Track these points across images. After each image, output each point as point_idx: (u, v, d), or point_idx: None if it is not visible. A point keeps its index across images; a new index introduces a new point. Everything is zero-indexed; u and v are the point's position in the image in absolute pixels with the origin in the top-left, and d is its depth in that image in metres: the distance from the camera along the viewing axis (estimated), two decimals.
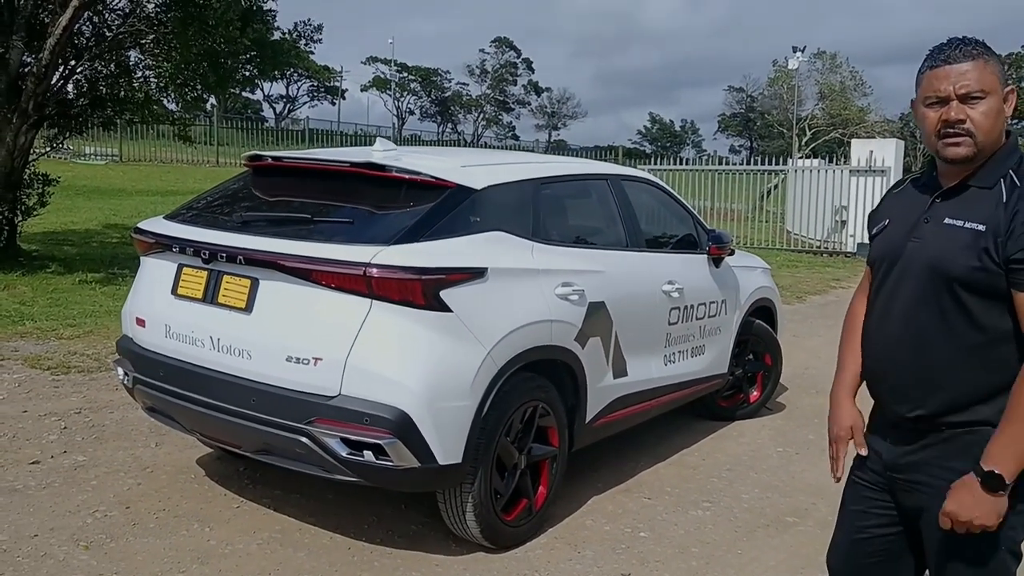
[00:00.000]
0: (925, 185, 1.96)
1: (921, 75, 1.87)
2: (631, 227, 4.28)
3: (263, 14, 10.04)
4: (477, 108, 64.36)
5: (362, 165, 3.34)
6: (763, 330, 5.41)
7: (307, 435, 2.98)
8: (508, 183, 3.57)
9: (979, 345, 1.79)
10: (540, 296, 3.43)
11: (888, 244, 1.97)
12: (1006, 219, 1.73)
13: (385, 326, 2.96)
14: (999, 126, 1.81)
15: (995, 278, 1.74)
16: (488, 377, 3.14)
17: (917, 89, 1.89)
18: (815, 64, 44.02)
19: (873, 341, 2.01)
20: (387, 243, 3.01)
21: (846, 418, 2.10)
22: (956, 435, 1.84)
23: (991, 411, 1.79)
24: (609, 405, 3.94)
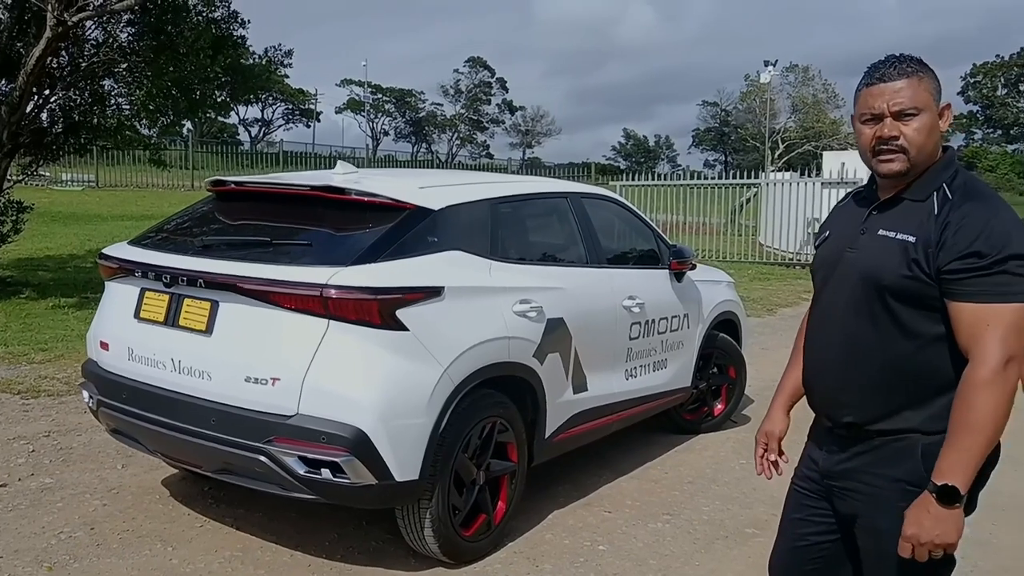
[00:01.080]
0: (864, 198, 2.02)
1: (858, 92, 1.93)
2: (591, 244, 4.37)
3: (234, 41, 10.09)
4: (451, 128, 64.61)
5: (321, 188, 3.41)
6: (727, 343, 5.51)
7: (266, 454, 3.03)
8: (466, 203, 3.64)
9: (909, 353, 1.85)
10: (498, 313, 3.50)
11: (827, 254, 2.05)
12: (936, 231, 1.78)
13: (342, 346, 3.02)
14: (933, 141, 1.86)
15: (924, 288, 1.80)
16: (445, 394, 3.20)
17: (854, 105, 1.95)
18: (787, 77, 44.72)
19: (810, 349, 2.09)
20: (344, 264, 3.08)
21: (767, 423, 2.21)
22: (886, 443, 1.90)
23: (919, 418, 1.85)
24: (569, 420, 4.01)
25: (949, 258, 1.76)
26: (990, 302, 1.73)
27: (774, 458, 2.23)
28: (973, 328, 1.75)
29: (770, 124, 42.85)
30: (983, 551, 3.78)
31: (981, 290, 1.74)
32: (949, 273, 1.76)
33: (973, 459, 1.73)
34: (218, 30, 10.02)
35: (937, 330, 1.83)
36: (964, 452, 1.72)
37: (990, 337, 1.73)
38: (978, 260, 1.73)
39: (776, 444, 2.22)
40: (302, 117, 61.32)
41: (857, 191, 2.10)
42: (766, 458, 2.26)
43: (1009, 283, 1.73)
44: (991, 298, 1.73)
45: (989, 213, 1.77)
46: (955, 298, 1.77)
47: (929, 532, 1.74)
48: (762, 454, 2.26)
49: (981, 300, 1.74)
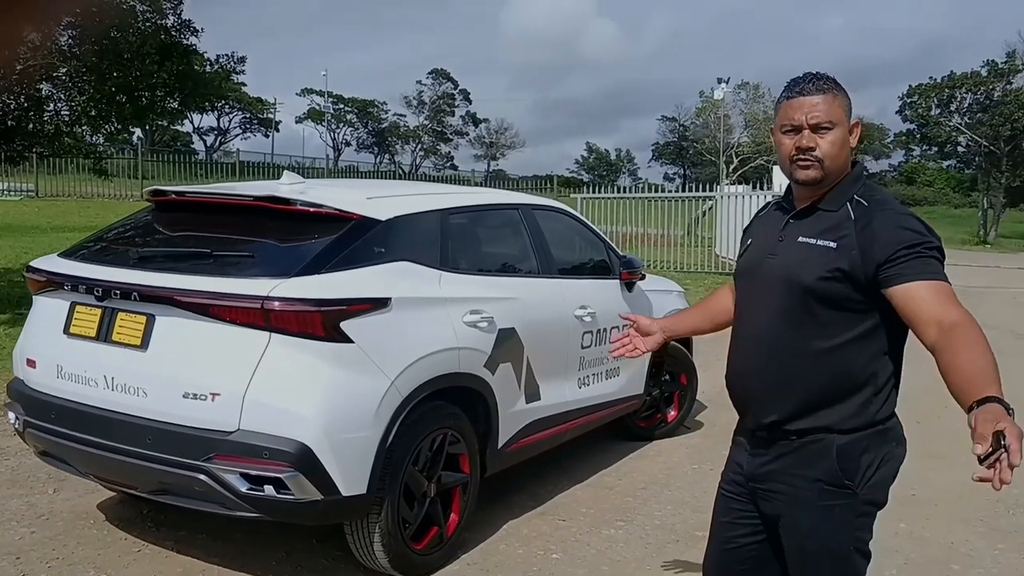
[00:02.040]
0: (783, 208, 2.12)
1: (778, 105, 2.04)
2: (542, 255, 4.36)
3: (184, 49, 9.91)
4: (415, 139, 64.36)
5: (265, 199, 3.35)
6: (678, 351, 5.54)
7: (205, 472, 2.94)
8: (414, 214, 3.61)
9: (826, 353, 1.93)
10: (447, 324, 3.46)
11: (749, 261, 2.15)
12: (858, 236, 1.89)
13: (284, 359, 2.95)
14: (845, 154, 1.98)
15: (842, 289, 1.90)
16: (392, 407, 3.15)
17: (775, 117, 2.05)
18: (739, 94, 45.53)
19: (734, 352, 2.15)
20: (287, 276, 3.01)
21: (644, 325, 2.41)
22: (805, 444, 1.98)
23: (835, 417, 1.94)
24: (522, 430, 3.98)
25: (886, 254, 1.84)
26: (927, 280, 1.83)
27: (627, 339, 2.41)
28: (931, 298, 1.80)
29: (724, 139, 43.57)
30: (915, 544, 3.91)
31: (920, 270, 1.85)
32: (889, 264, 1.84)
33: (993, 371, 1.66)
34: (167, 37, 9.83)
35: (854, 331, 1.93)
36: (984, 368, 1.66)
37: (948, 301, 1.81)
38: (910, 250, 1.84)
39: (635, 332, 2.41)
40: (260, 126, 60.49)
41: (776, 202, 2.20)
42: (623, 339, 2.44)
43: (937, 268, 1.85)
44: (931, 276, 1.83)
45: (904, 216, 1.92)
46: (903, 281, 1.83)
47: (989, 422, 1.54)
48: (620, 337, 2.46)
49: (925, 278, 1.82)
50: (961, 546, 3.91)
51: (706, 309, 2.47)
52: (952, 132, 40.69)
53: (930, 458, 4.91)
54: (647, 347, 2.40)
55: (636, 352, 2.40)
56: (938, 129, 41.00)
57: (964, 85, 39.99)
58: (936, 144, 43.71)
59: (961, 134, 40.57)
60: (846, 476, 1.93)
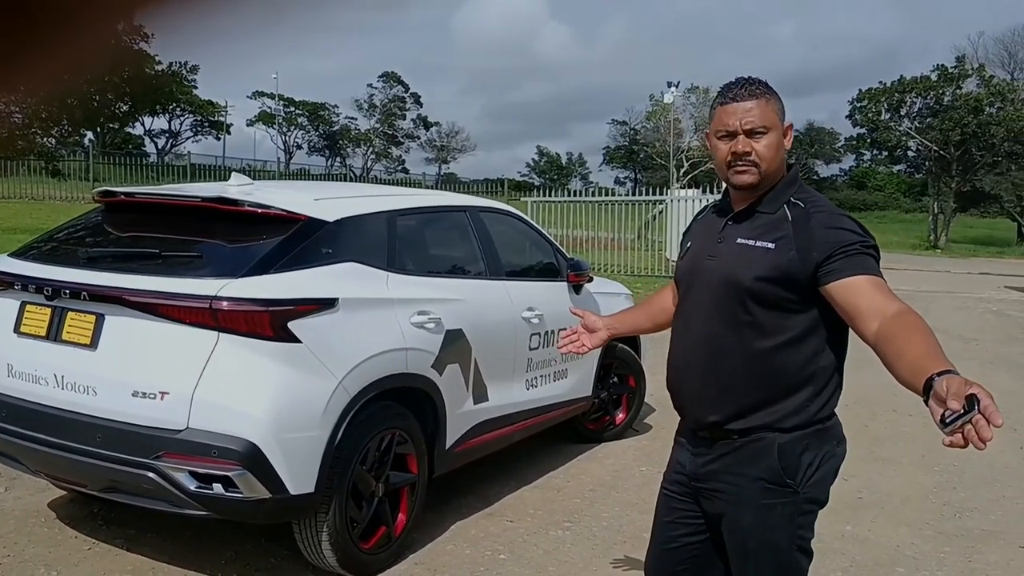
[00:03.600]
0: (720, 210, 2.16)
1: (713, 110, 2.08)
2: (490, 257, 4.44)
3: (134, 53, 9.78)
4: (366, 142, 64.02)
5: (213, 200, 3.38)
6: (626, 353, 5.65)
7: (154, 470, 2.96)
8: (362, 215, 3.66)
9: (764, 352, 1.98)
10: (395, 325, 3.52)
11: (689, 263, 2.19)
12: (797, 237, 1.94)
13: (232, 358, 2.99)
14: (780, 157, 2.03)
15: (781, 290, 1.95)
16: (340, 406, 3.20)
17: (710, 122, 2.11)
18: (689, 98, 46.17)
19: (674, 353, 2.20)
20: (235, 276, 3.05)
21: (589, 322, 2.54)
22: (746, 443, 2.02)
23: (775, 416, 1.98)
24: (470, 431, 4.05)
25: (824, 253, 1.89)
26: (865, 275, 1.89)
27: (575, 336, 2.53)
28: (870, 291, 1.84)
29: (675, 143, 44.18)
30: (861, 547, 4.00)
31: (857, 265, 1.89)
32: (828, 262, 1.89)
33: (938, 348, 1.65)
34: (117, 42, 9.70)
35: (792, 332, 1.98)
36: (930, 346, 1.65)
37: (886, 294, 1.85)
38: (848, 248, 1.90)
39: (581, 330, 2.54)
40: (212, 129, 59.57)
41: (714, 204, 2.25)
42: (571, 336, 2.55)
43: (873, 265, 1.91)
44: (868, 271, 1.88)
45: (840, 216, 1.99)
46: (841, 276, 1.87)
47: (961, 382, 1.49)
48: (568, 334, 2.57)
49: (860, 273, 1.87)
50: (907, 549, 4.00)
51: (648, 309, 2.56)
52: (902, 137, 41.47)
53: (877, 462, 5.04)
54: (593, 344, 2.49)
55: (583, 348, 2.48)
56: (888, 134, 41.65)
57: (914, 90, 40.62)
58: (886, 149, 44.46)
59: (911, 139, 41.37)
60: (787, 475, 1.97)
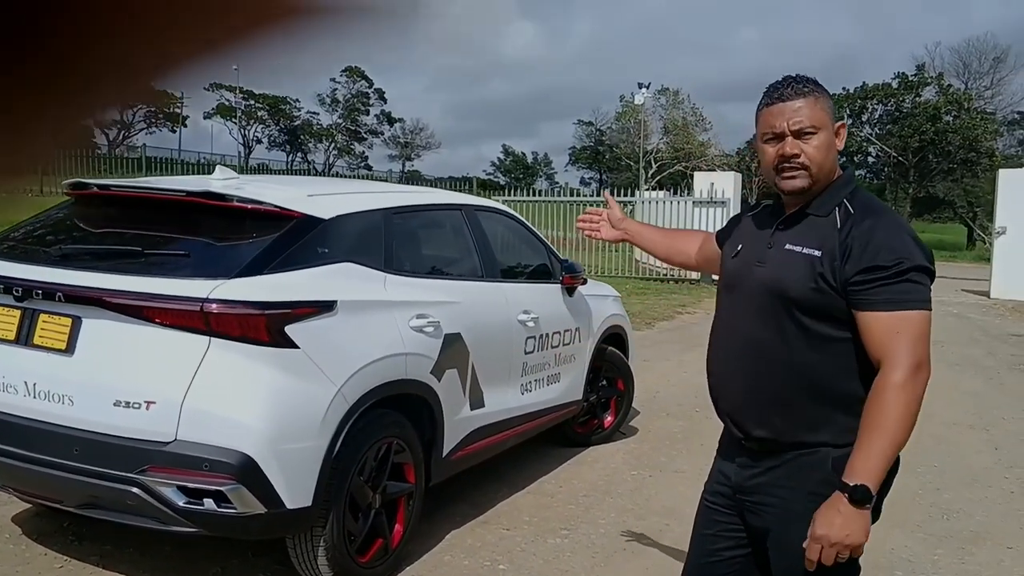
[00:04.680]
0: (772, 213, 2.04)
1: (759, 112, 1.95)
2: (486, 258, 4.28)
3: None
4: (328, 137, 63.22)
5: (199, 194, 3.16)
6: (615, 356, 5.55)
7: (139, 485, 2.74)
8: (358, 213, 3.47)
9: (816, 364, 1.87)
10: (394, 329, 3.35)
11: (737, 268, 2.06)
12: (840, 244, 1.82)
13: (225, 365, 2.79)
14: (832, 158, 1.91)
15: (830, 299, 1.82)
16: (339, 415, 3.01)
17: (756, 126, 1.97)
18: (659, 100, 46.48)
19: (717, 359, 2.08)
20: (227, 276, 2.85)
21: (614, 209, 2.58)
22: (798, 456, 1.90)
23: (830, 431, 1.87)
24: (467, 437, 3.89)
25: (855, 269, 1.79)
26: (897, 310, 1.78)
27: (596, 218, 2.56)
28: (883, 336, 1.78)
29: (643, 144, 44.40)
30: None
31: (887, 298, 1.78)
32: (856, 284, 1.79)
33: (883, 461, 1.74)
34: None
35: (844, 342, 1.86)
36: (876, 454, 1.73)
37: (900, 344, 1.76)
38: (882, 271, 1.77)
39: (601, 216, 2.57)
40: (167, 121, 58.25)
41: (767, 204, 2.13)
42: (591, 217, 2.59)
43: (911, 291, 1.79)
44: (897, 306, 1.77)
45: (890, 227, 1.83)
46: (863, 307, 1.80)
47: (839, 532, 1.74)
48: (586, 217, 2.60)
49: (888, 308, 1.78)
50: (901, 552, 3.97)
51: (670, 240, 2.55)
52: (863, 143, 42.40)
53: None
54: (608, 236, 2.54)
55: (598, 234, 2.53)
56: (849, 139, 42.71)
57: (875, 96, 41.63)
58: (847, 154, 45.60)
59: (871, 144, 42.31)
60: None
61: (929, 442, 5.85)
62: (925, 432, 6.17)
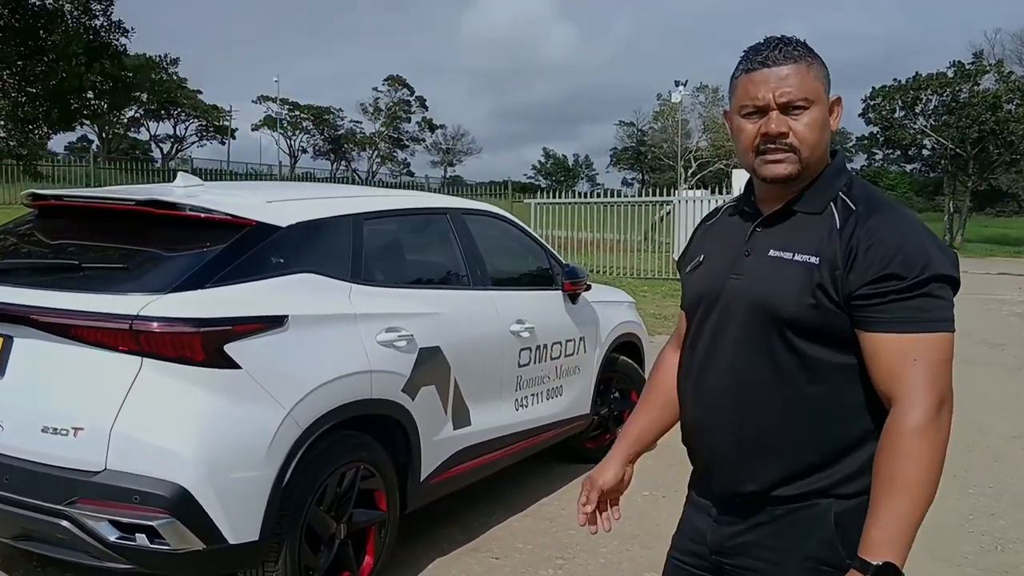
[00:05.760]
0: (743, 212, 1.66)
1: (735, 80, 1.58)
2: (474, 264, 4.00)
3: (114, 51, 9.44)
4: (371, 145, 63.72)
5: (147, 203, 2.95)
6: (628, 366, 5.23)
7: (68, 518, 2.54)
8: (321, 219, 3.23)
9: (816, 398, 1.50)
10: (357, 344, 3.09)
11: (704, 284, 1.66)
12: (843, 249, 1.46)
13: (158, 388, 2.56)
14: (825, 140, 1.55)
15: (832, 318, 1.47)
16: (289, 440, 2.77)
17: (730, 97, 1.60)
18: (698, 97, 45.74)
19: (690, 401, 1.70)
20: (163, 291, 2.63)
21: (595, 471, 1.84)
22: (791, 511, 1.54)
23: (832, 479, 1.50)
24: (450, 459, 3.62)
25: (862, 280, 1.44)
26: (913, 331, 1.43)
27: (589, 509, 1.82)
28: (895, 364, 1.43)
29: (683, 143, 43.70)
30: None
31: (901, 317, 1.43)
32: (862, 299, 1.44)
33: (909, 527, 1.39)
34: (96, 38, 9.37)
35: (849, 370, 1.50)
36: (898, 518, 1.38)
37: (917, 375, 1.41)
38: (896, 282, 1.43)
39: (596, 495, 1.81)
40: (217, 134, 59.54)
41: (730, 205, 1.75)
42: (585, 509, 1.84)
43: (931, 307, 1.43)
44: (913, 326, 1.42)
45: (902, 227, 1.47)
46: (870, 328, 1.45)
47: None
48: (584, 502, 1.84)
49: (902, 329, 1.43)
50: None
51: (662, 395, 1.84)
52: (917, 135, 41.12)
53: None
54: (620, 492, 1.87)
55: (608, 527, 1.86)
56: (902, 132, 41.35)
57: (930, 87, 40.29)
58: (900, 147, 44.16)
59: (927, 137, 41.01)
60: (847, 552, 1.46)
61: (983, 459, 5.35)
62: (979, 447, 5.67)
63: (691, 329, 1.71)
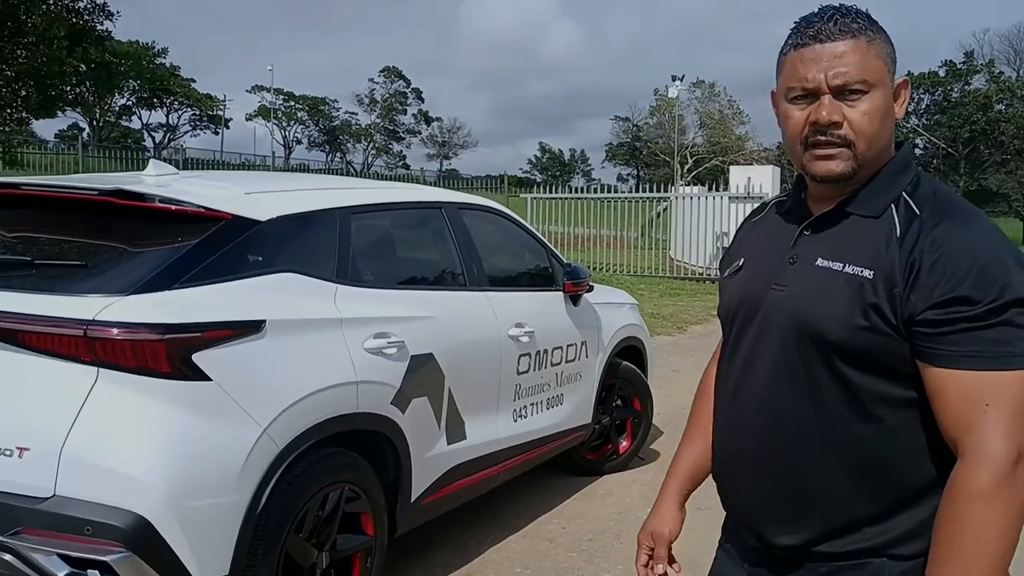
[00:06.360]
0: (791, 211, 1.42)
1: (783, 57, 1.33)
2: (470, 263, 3.71)
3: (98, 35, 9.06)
4: (367, 137, 63.21)
5: (110, 193, 2.64)
6: (631, 372, 4.94)
7: (11, 551, 2.22)
8: (305, 213, 2.92)
9: (866, 439, 1.26)
10: (343, 352, 2.80)
11: (743, 292, 1.42)
12: (903, 261, 1.21)
13: (115, 402, 2.26)
14: (887, 131, 1.30)
15: (888, 343, 1.22)
16: (265, 461, 2.47)
17: (777, 77, 1.35)
18: (694, 93, 45.54)
19: (721, 427, 1.47)
20: (124, 293, 2.33)
21: (653, 520, 1.58)
22: (838, 570, 1.29)
23: (886, 536, 1.26)
24: (443, 477, 3.33)
25: (926, 301, 1.19)
26: (986, 369, 1.17)
27: (662, 570, 1.55)
28: (963, 409, 1.18)
29: (679, 139, 43.46)
30: None
31: (973, 351, 1.17)
32: (925, 325, 1.19)
33: None
34: (79, 21, 9.01)
35: (908, 407, 1.25)
36: None
37: (991, 423, 1.16)
38: (967, 308, 1.17)
39: (665, 550, 1.56)
40: (210, 124, 58.96)
41: (778, 200, 1.49)
42: (651, 568, 1.56)
43: (1010, 339, 1.16)
44: (987, 363, 1.17)
45: (976, 238, 1.21)
46: (934, 362, 1.20)
47: None
48: (646, 563, 1.57)
49: (973, 366, 1.17)
50: None
51: (705, 423, 1.56)
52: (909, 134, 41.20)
53: None
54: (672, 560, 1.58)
55: None
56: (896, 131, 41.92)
57: (921, 86, 40.42)
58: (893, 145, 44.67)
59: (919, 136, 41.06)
60: None
61: None
62: None
63: (728, 341, 1.48)
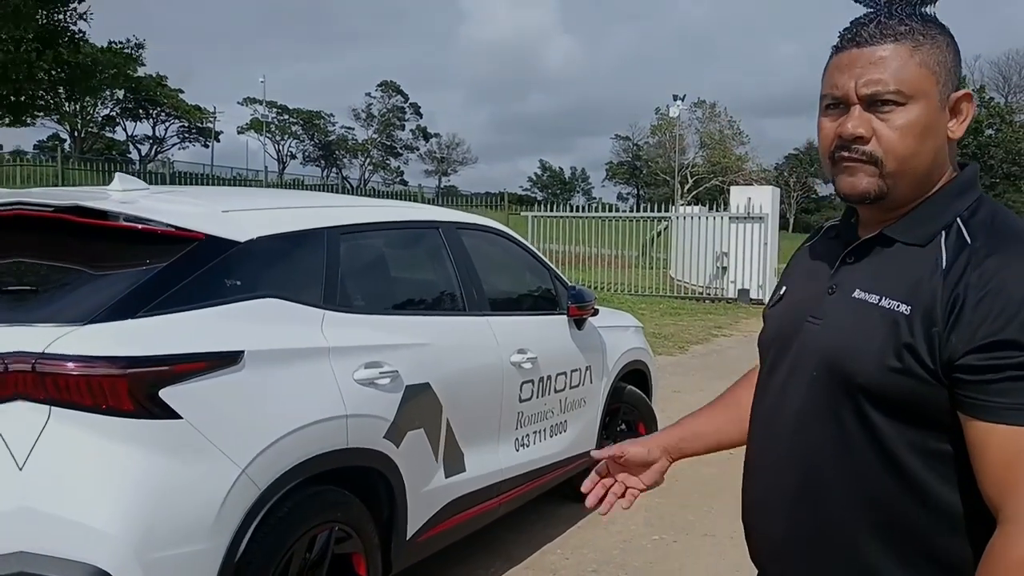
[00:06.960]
0: (838, 237, 1.26)
1: (828, 62, 1.18)
2: (470, 286, 3.49)
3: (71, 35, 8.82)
4: (363, 152, 63.11)
5: (68, 211, 2.41)
6: (636, 396, 4.74)
7: None
8: (288, 233, 2.70)
9: (898, 494, 1.09)
10: (331, 384, 2.57)
11: (780, 324, 1.29)
12: (946, 296, 1.05)
13: (70, 445, 2.02)
14: (931, 149, 1.11)
15: (924, 389, 1.06)
16: (244, 505, 2.24)
17: (823, 84, 1.20)
18: (695, 113, 45.67)
19: (750, 465, 1.32)
20: (81, 321, 2.09)
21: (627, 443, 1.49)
22: None
23: None
24: (441, 512, 3.10)
25: (966, 346, 1.03)
26: None
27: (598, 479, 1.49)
28: (1007, 469, 1.01)
29: (679, 159, 43.49)
30: None
31: (1020, 404, 1.00)
32: (966, 371, 1.03)
33: None
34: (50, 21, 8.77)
35: (945, 461, 1.08)
36: None
37: None
38: (1015, 353, 1.00)
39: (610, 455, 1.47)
40: (199, 136, 58.44)
41: (832, 224, 1.33)
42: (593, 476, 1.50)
43: None
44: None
45: None
46: (975, 414, 1.03)
47: None
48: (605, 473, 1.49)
49: (1019, 421, 1.00)
50: None
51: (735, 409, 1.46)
52: None
53: None
54: (646, 484, 1.49)
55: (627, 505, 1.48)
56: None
57: None
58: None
59: None
60: None
61: None
62: None
63: (763, 372, 1.32)
